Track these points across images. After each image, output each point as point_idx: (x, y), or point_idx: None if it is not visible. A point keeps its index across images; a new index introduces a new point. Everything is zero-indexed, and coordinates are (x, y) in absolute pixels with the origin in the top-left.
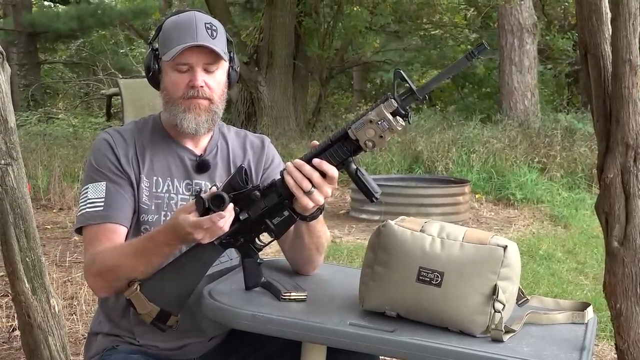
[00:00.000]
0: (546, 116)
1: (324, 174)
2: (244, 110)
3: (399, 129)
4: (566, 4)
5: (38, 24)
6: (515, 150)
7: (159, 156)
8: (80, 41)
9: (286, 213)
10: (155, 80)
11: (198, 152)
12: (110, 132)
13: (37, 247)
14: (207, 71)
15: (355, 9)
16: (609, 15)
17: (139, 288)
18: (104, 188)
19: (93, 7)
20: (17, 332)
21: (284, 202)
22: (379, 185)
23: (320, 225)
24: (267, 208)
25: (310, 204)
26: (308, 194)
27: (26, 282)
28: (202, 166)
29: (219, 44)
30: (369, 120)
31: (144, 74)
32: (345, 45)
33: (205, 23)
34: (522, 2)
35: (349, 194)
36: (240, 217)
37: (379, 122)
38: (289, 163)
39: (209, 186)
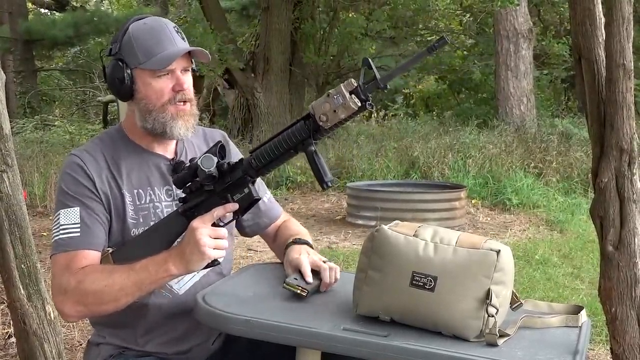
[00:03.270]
0: (542, 121)
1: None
2: (240, 116)
3: (353, 107)
4: (562, 9)
5: (34, 32)
6: (512, 156)
7: (134, 169)
8: (77, 48)
9: (246, 190)
10: (127, 91)
11: (169, 155)
12: (79, 154)
13: (32, 254)
14: (183, 72)
15: (351, 15)
16: (603, 20)
17: (110, 252)
18: (78, 214)
19: (89, 14)
20: (13, 339)
21: (246, 179)
22: (375, 190)
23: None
24: (231, 182)
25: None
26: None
27: (22, 288)
28: (178, 168)
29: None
30: (327, 95)
31: None
32: (342, 51)
33: (173, 26)
34: (518, 7)
35: (346, 200)
36: (206, 189)
37: (335, 97)
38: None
39: None
